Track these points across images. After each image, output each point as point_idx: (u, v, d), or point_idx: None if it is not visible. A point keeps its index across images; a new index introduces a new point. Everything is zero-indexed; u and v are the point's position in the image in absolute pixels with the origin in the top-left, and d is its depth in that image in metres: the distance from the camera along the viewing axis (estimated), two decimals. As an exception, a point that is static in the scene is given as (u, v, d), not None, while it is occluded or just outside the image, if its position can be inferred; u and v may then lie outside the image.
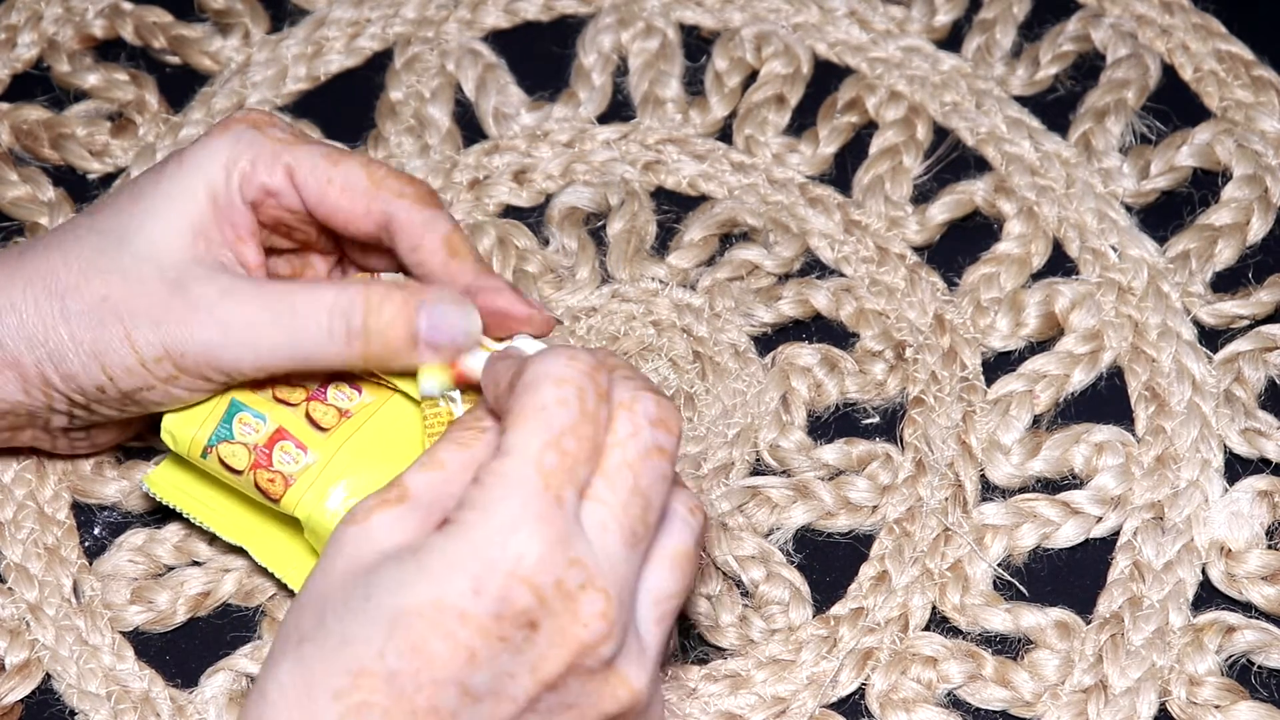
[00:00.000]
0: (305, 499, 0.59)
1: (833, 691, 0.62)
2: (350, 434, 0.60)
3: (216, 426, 0.60)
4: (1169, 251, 0.70)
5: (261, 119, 0.60)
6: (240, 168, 0.59)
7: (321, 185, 0.59)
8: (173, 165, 0.60)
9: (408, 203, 0.59)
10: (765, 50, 0.75)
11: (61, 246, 0.59)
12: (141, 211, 0.59)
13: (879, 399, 0.68)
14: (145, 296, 0.57)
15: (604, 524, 0.50)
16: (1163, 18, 0.75)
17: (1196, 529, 0.64)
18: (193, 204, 0.59)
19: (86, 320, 0.58)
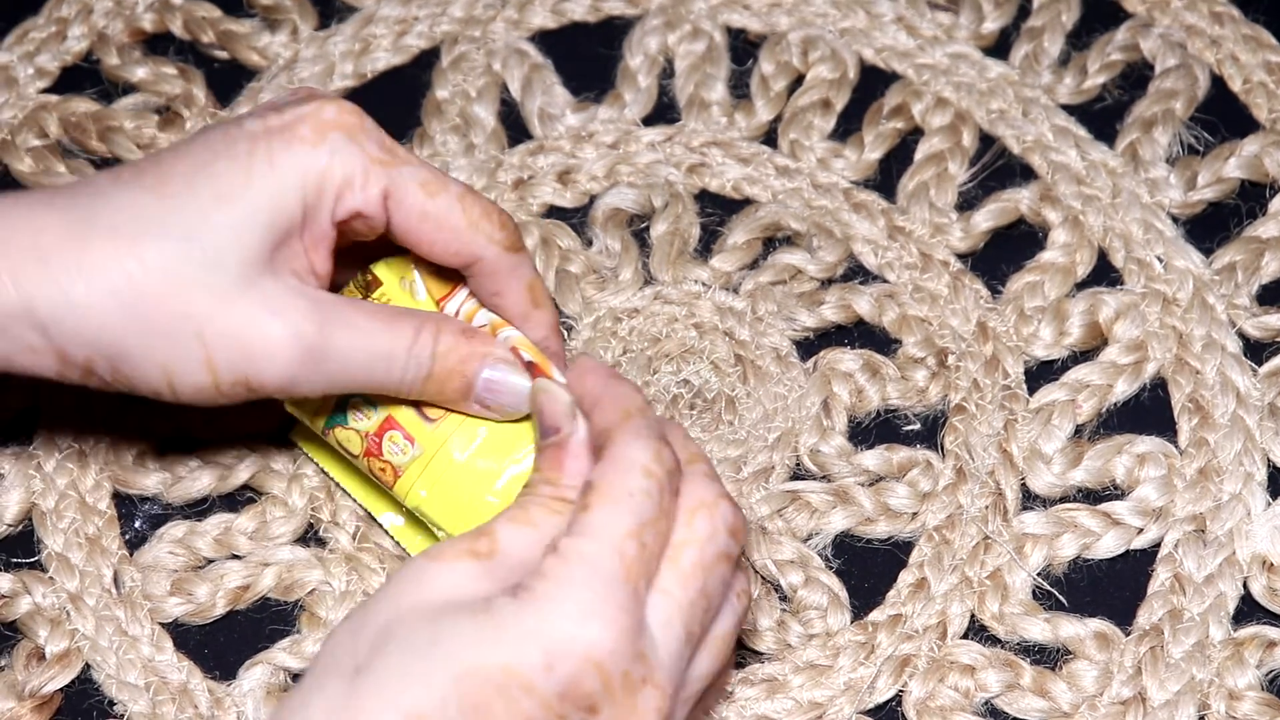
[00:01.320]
0: (414, 490, 0.60)
1: (869, 698, 0.62)
2: (455, 426, 0.60)
3: (332, 411, 0.60)
4: (1215, 263, 0.70)
5: (355, 125, 0.56)
6: (336, 185, 0.56)
7: (415, 217, 0.57)
8: (262, 164, 0.55)
9: (497, 249, 0.58)
10: (812, 55, 0.75)
11: (131, 239, 0.54)
12: (230, 216, 0.54)
13: (920, 406, 0.68)
14: (232, 318, 0.54)
15: (669, 620, 0.50)
16: (1213, 28, 0.75)
17: (1238, 542, 0.64)
18: (284, 216, 0.55)
19: (163, 336, 0.54)
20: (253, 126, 0.56)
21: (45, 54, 0.75)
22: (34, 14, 0.76)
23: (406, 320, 0.58)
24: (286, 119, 0.56)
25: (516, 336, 0.60)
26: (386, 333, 0.57)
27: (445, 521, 0.60)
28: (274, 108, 0.57)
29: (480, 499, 0.59)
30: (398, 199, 0.57)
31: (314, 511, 0.65)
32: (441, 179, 0.58)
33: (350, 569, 0.64)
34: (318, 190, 0.56)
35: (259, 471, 0.65)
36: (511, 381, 0.58)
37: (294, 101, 0.57)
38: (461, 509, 0.59)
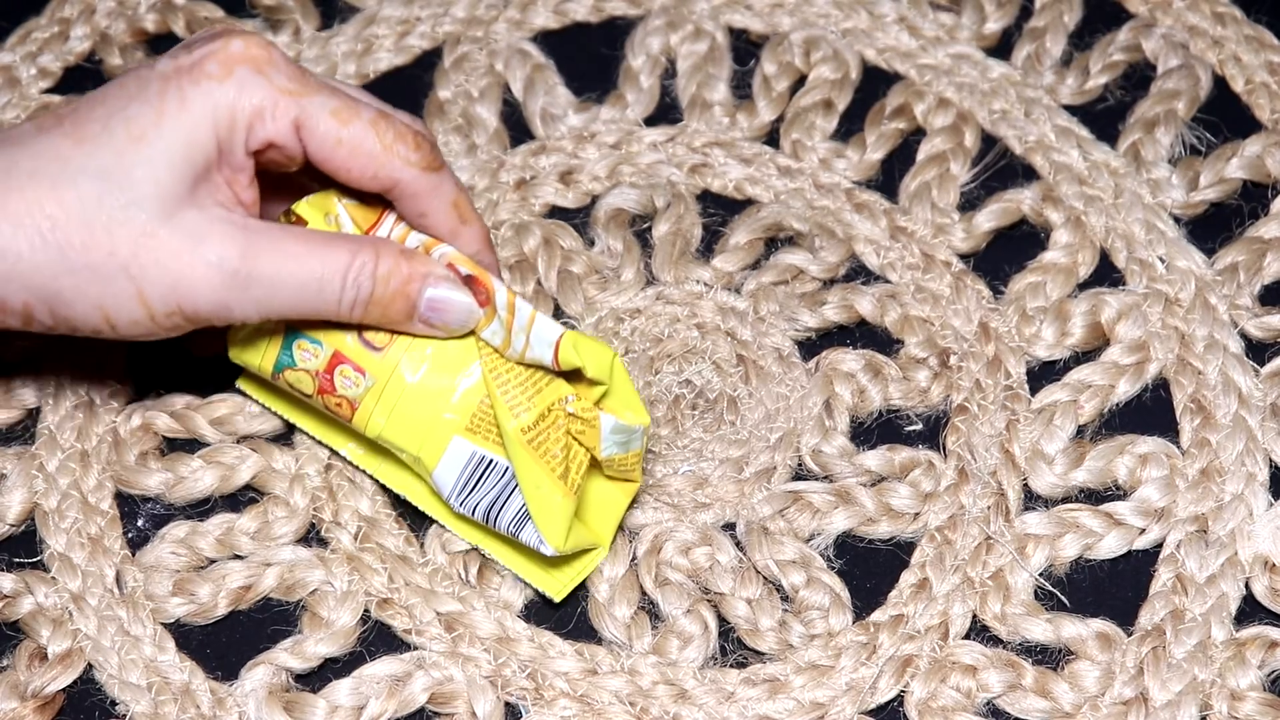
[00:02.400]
0: (372, 420, 0.61)
1: (871, 698, 0.62)
2: (403, 351, 0.61)
3: (279, 354, 0.61)
4: (1217, 264, 0.70)
5: (262, 57, 0.57)
6: (246, 117, 0.57)
7: (329, 145, 0.58)
8: (173, 103, 0.57)
9: (415, 171, 0.59)
10: (814, 55, 0.75)
11: (51, 183, 0.56)
12: (144, 155, 0.56)
13: (922, 406, 0.68)
14: (157, 251, 0.56)
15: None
16: (1215, 29, 0.75)
17: (1240, 543, 0.64)
18: (199, 151, 0.57)
19: (93, 275, 0.56)
20: (164, 67, 0.57)
21: (48, 54, 0.75)
22: (37, 14, 0.76)
23: (342, 244, 0.58)
24: (195, 57, 0.57)
25: (451, 252, 0.60)
26: (320, 256, 0.58)
27: (407, 443, 0.61)
28: (186, 46, 0.58)
29: (438, 417, 0.61)
30: (310, 128, 0.58)
31: (316, 512, 0.65)
32: (353, 105, 0.59)
33: (352, 569, 0.64)
34: (229, 124, 0.57)
35: (261, 471, 0.65)
36: (455, 299, 0.60)
37: (204, 38, 0.58)
38: (421, 429, 0.61)
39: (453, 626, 0.63)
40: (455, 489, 0.61)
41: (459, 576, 0.64)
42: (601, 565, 0.64)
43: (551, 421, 0.60)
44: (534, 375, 0.61)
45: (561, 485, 0.60)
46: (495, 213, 0.72)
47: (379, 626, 0.63)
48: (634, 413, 0.61)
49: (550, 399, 0.60)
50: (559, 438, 0.60)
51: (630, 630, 0.63)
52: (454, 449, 0.61)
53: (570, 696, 0.62)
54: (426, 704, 0.62)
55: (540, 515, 0.60)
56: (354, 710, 0.61)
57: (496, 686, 0.62)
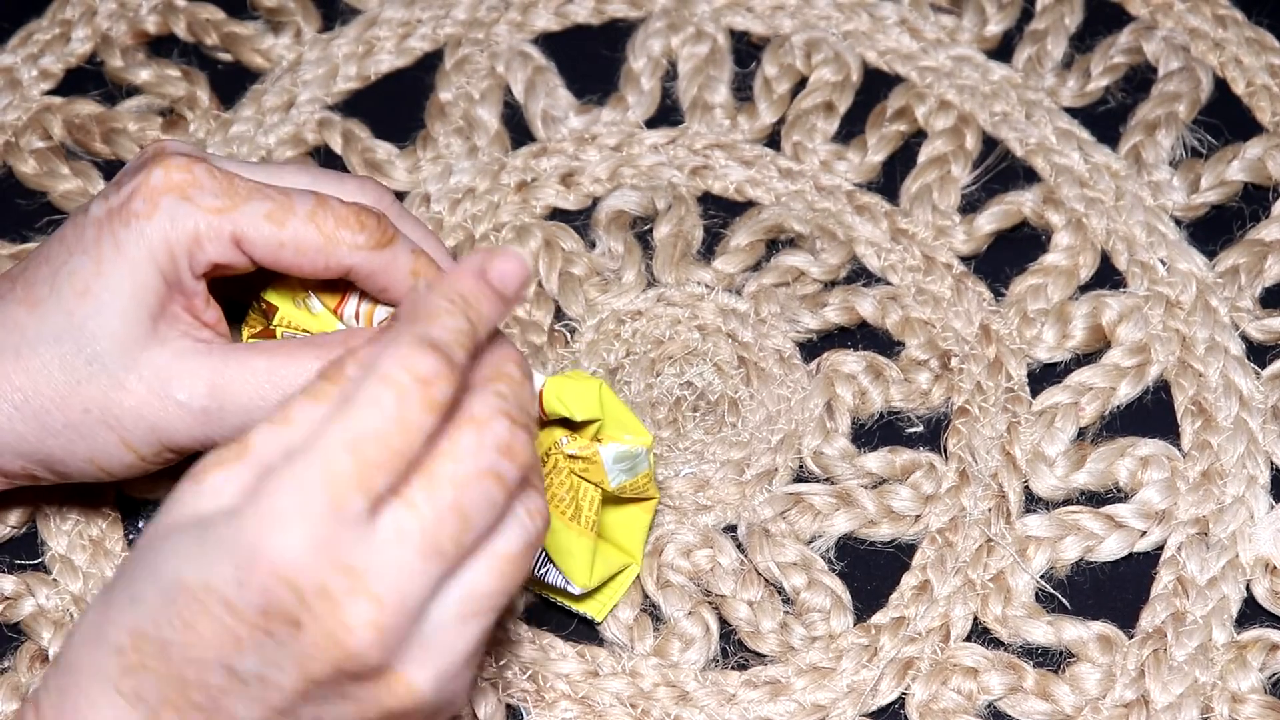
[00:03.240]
0: None
1: (872, 700, 0.62)
2: None
3: None
4: (1218, 266, 0.70)
5: (185, 181, 0.56)
6: (184, 247, 0.56)
7: (273, 250, 0.57)
8: (108, 249, 0.56)
9: (364, 253, 0.58)
10: (815, 57, 0.75)
11: (14, 354, 0.57)
12: (92, 308, 0.57)
13: (923, 408, 0.68)
14: (128, 398, 0.57)
15: (405, 532, 0.48)
16: (1216, 31, 0.75)
17: (1241, 545, 0.64)
18: (146, 291, 0.57)
19: (74, 434, 0.57)
20: (97, 212, 0.57)
21: (49, 56, 0.75)
22: (38, 16, 0.76)
23: (308, 354, 0.57)
24: (123, 195, 0.57)
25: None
26: (288, 365, 0.57)
27: None
28: (116, 182, 0.58)
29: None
30: (249, 239, 0.57)
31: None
32: (286, 204, 0.57)
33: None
34: (169, 258, 0.57)
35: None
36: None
37: (132, 170, 0.58)
38: None
39: (454, 628, 0.63)
40: None
41: (460, 578, 0.64)
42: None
43: (551, 466, 0.60)
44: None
45: (575, 526, 0.60)
46: (496, 215, 0.72)
47: (380, 628, 0.63)
48: (634, 434, 0.61)
49: (544, 446, 0.60)
50: (563, 481, 0.60)
51: (632, 632, 0.63)
52: None
53: (571, 698, 0.62)
54: (428, 706, 0.62)
55: (560, 558, 0.60)
56: (355, 712, 0.61)
57: (498, 689, 0.62)
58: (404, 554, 0.48)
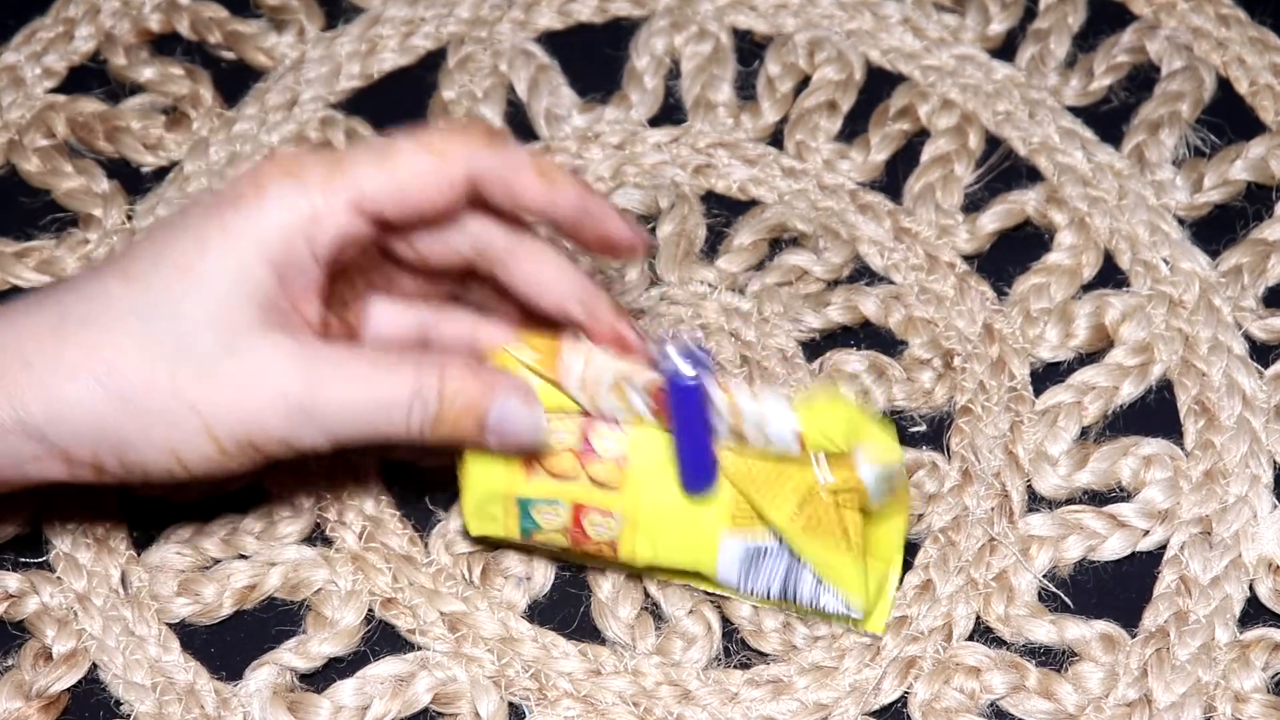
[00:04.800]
0: (639, 553, 0.60)
1: (875, 699, 0.62)
2: (639, 476, 0.59)
3: (519, 523, 0.60)
4: (1221, 265, 0.70)
5: (289, 163, 0.55)
6: (301, 232, 0.55)
7: (394, 195, 0.55)
8: (214, 231, 0.55)
9: (484, 153, 0.56)
10: (818, 56, 0.75)
11: (103, 327, 0.54)
12: (192, 286, 0.55)
13: (926, 407, 0.68)
14: (220, 386, 0.54)
15: None
16: (1219, 30, 0.75)
17: (1244, 545, 0.64)
18: (250, 280, 0.55)
19: (157, 418, 0.54)
20: (205, 199, 0.56)
21: (53, 54, 0.75)
22: (41, 14, 0.76)
23: (406, 366, 0.56)
24: (231, 184, 0.56)
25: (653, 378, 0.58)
26: (384, 380, 0.56)
27: (681, 561, 0.60)
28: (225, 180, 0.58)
29: (699, 524, 0.60)
30: (368, 195, 0.55)
31: (320, 511, 0.65)
32: (388, 144, 0.56)
33: (356, 568, 0.64)
34: (282, 244, 0.55)
35: (266, 471, 0.65)
36: (521, 414, 0.58)
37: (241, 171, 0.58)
38: (688, 543, 0.60)
39: (456, 627, 0.63)
40: (740, 580, 0.61)
41: (463, 577, 0.64)
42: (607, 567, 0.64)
43: (815, 503, 0.59)
44: (778, 465, 0.59)
45: (848, 553, 0.59)
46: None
47: (383, 626, 0.63)
48: (887, 451, 0.60)
49: (803, 488, 0.59)
50: (830, 514, 0.59)
51: (634, 631, 0.63)
52: (726, 549, 0.60)
53: (574, 697, 0.62)
54: (430, 704, 0.62)
55: (838, 581, 0.60)
56: (358, 710, 0.61)
57: (500, 687, 0.62)
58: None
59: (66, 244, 0.71)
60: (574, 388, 0.59)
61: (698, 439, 0.58)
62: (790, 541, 0.59)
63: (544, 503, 0.60)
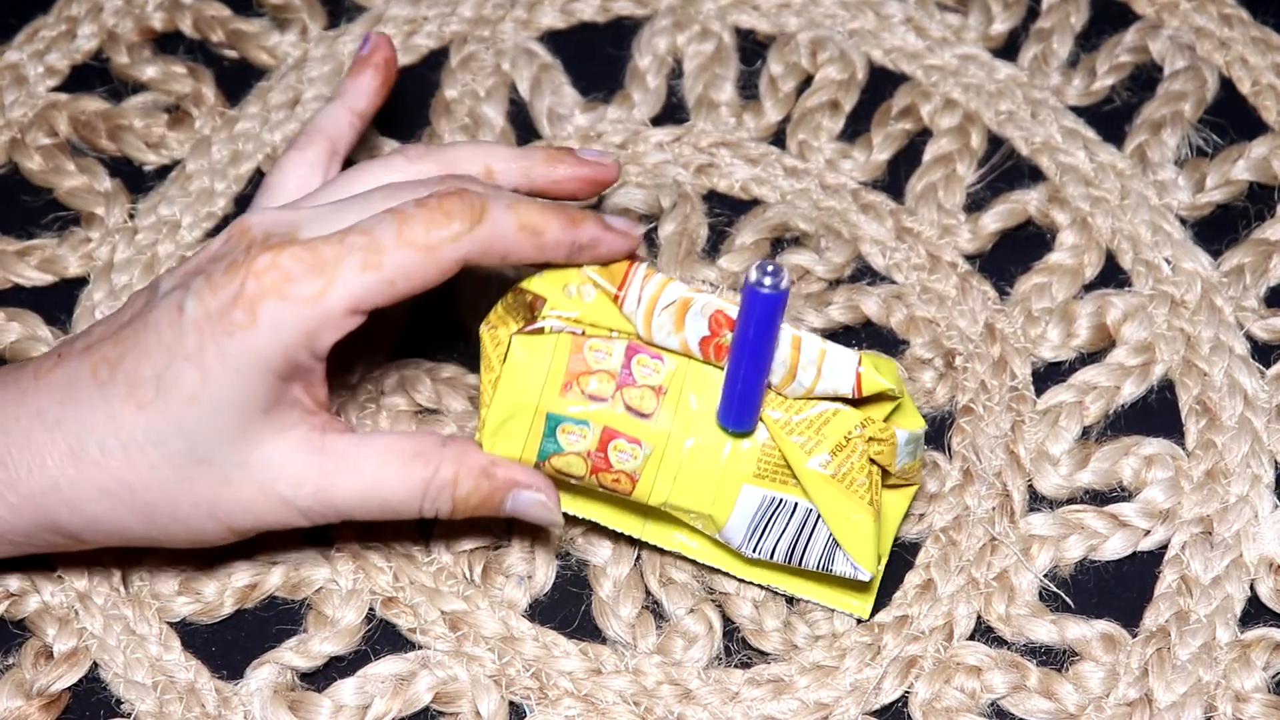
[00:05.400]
0: (656, 489, 0.59)
1: (876, 699, 0.62)
2: (674, 409, 0.59)
3: (541, 443, 0.59)
4: (1223, 265, 0.70)
5: (278, 280, 0.55)
6: (301, 347, 0.56)
7: (386, 292, 0.56)
8: (214, 360, 0.56)
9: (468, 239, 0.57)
10: (820, 55, 0.75)
11: (123, 453, 0.57)
12: (202, 412, 0.56)
13: (928, 407, 0.68)
14: (237, 493, 0.57)
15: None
16: (1222, 30, 0.75)
17: (1245, 544, 0.64)
18: (258, 394, 0.56)
19: (181, 526, 0.58)
20: (193, 313, 0.56)
21: (55, 52, 0.75)
22: (44, 13, 0.76)
23: (418, 463, 0.58)
24: (221, 302, 0.56)
25: (713, 300, 0.58)
26: (398, 476, 0.58)
27: (697, 504, 0.60)
28: (205, 276, 0.56)
29: (723, 469, 0.59)
30: (361, 299, 0.56)
31: (322, 510, 0.65)
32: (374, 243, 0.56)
33: (357, 567, 0.64)
34: (284, 361, 0.56)
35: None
36: (536, 510, 0.60)
37: (222, 263, 0.56)
38: (708, 486, 0.59)
39: (457, 626, 0.63)
40: (747, 536, 0.60)
41: (464, 575, 0.64)
42: (608, 567, 0.64)
43: (850, 450, 0.59)
44: (818, 408, 0.59)
45: (868, 511, 0.59)
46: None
47: (384, 625, 0.63)
48: (913, 419, 0.60)
49: (841, 431, 0.59)
50: (862, 465, 0.59)
51: (634, 630, 0.63)
52: (745, 498, 0.60)
53: (575, 696, 0.62)
54: (431, 703, 0.62)
55: (851, 543, 0.60)
56: (359, 709, 0.61)
57: (501, 686, 0.62)
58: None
59: (69, 243, 0.71)
60: (631, 306, 0.59)
61: (757, 363, 0.57)
62: (812, 492, 0.59)
63: (573, 422, 0.59)
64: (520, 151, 0.62)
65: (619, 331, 0.59)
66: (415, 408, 0.67)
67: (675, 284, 0.59)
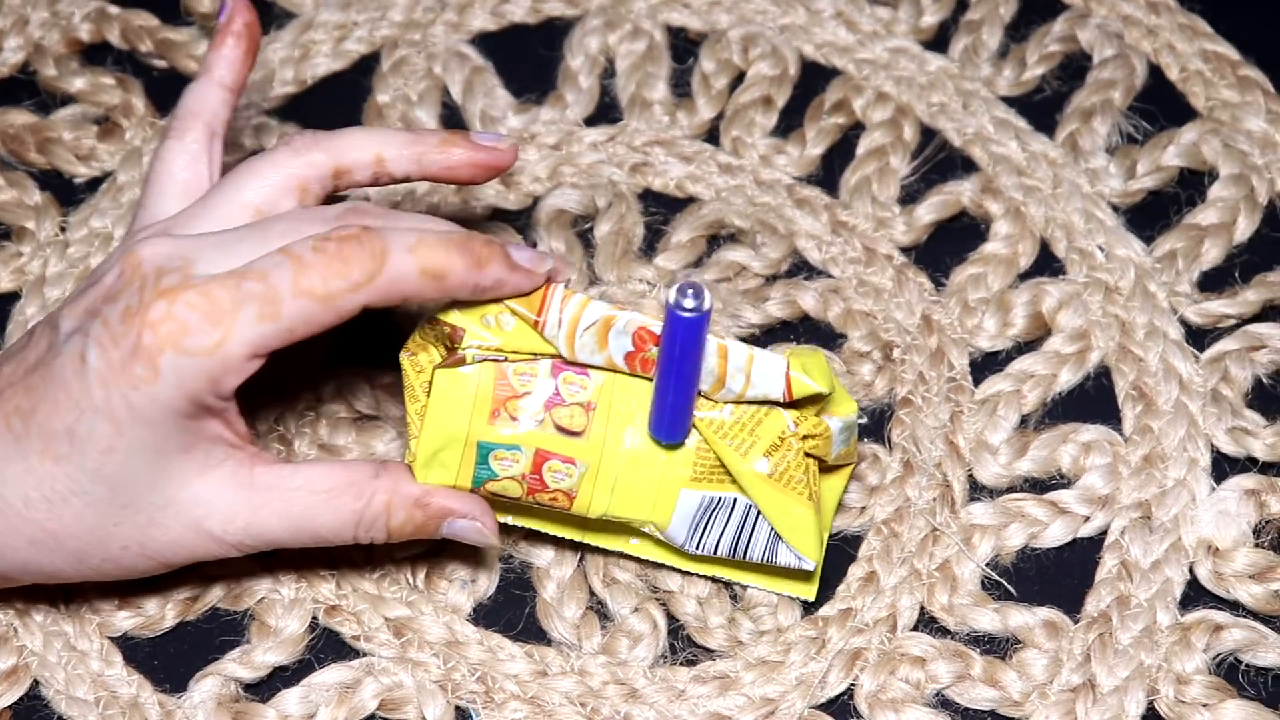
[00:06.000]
0: (594, 503, 0.59)
1: (821, 692, 0.62)
2: (605, 423, 0.59)
3: (474, 470, 0.59)
4: (1156, 251, 0.70)
5: (174, 332, 0.54)
6: (205, 391, 0.55)
7: (285, 337, 0.55)
8: (122, 411, 0.55)
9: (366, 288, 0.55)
10: (752, 52, 0.75)
11: (46, 507, 0.57)
12: (119, 462, 0.56)
13: (867, 400, 0.68)
14: (165, 534, 0.57)
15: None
16: (1149, 18, 0.75)
17: (1184, 528, 0.64)
18: (171, 440, 0.56)
19: (112, 565, 0.58)
20: (96, 364, 0.55)
21: (-18, 66, 0.75)
22: (-31, 26, 0.76)
23: (348, 496, 0.58)
24: (123, 354, 0.55)
25: (636, 318, 0.58)
26: (328, 507, 0.58)
27: (636, 513, 0.60)
28: (104, 321, 0.55)
29: (660, 476, 0.59)
30: (259, 345, 0.55)
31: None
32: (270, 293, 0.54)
33: (299, 576, 0.64)
34: (189, 405, 0.55)
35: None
36: (472, 537, 0.60)
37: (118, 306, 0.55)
38: (646, 495, 0.59)
39: (401, 632, 0.63)
40: (690, 535, 0.60)
41: (407, 581, 0.64)
42: (551, 568, 0.64)
43: (786, 449, 0.59)
44: (748, 411, 0.59)
45: (808, 505, 0.59)
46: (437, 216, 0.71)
47: (327, 634, 0.63)
48: (845, 404, 0.60)
49: (775, 431, 0.59)
50: (799, 461, 0.59)
51: (579, 631, 0.63)
52: (683, 502, 0.60)
53: (521, 699, 0.62)
54: (377, 710, 0.61)
55: (794, 536, 0.60)
56: (304, 719, 0.61)
57: (446, 691, 0.62)
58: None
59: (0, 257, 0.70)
60: (552, 330, 0.58)
61: (684, 381, 0.57)
62: (752, 493, 0.59)
63: (504, 448, 0.58)
64: (412, 136, 0.60)
65: (541, 355, 0.59)
66: (354, 414, 0.67)
67: (595, 303, 0.58)
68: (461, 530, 0.60)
